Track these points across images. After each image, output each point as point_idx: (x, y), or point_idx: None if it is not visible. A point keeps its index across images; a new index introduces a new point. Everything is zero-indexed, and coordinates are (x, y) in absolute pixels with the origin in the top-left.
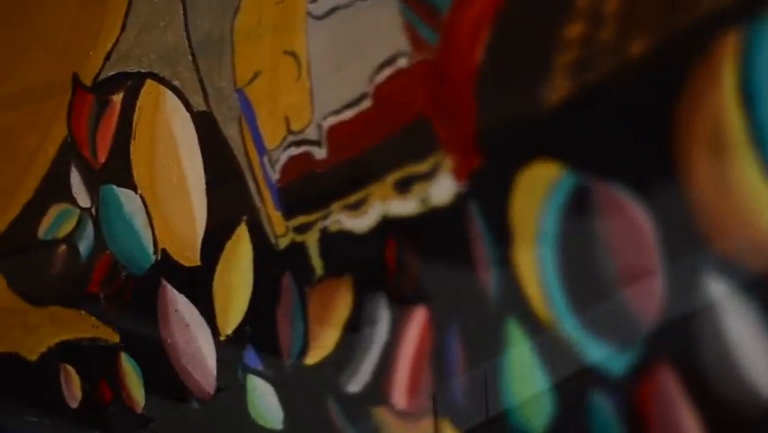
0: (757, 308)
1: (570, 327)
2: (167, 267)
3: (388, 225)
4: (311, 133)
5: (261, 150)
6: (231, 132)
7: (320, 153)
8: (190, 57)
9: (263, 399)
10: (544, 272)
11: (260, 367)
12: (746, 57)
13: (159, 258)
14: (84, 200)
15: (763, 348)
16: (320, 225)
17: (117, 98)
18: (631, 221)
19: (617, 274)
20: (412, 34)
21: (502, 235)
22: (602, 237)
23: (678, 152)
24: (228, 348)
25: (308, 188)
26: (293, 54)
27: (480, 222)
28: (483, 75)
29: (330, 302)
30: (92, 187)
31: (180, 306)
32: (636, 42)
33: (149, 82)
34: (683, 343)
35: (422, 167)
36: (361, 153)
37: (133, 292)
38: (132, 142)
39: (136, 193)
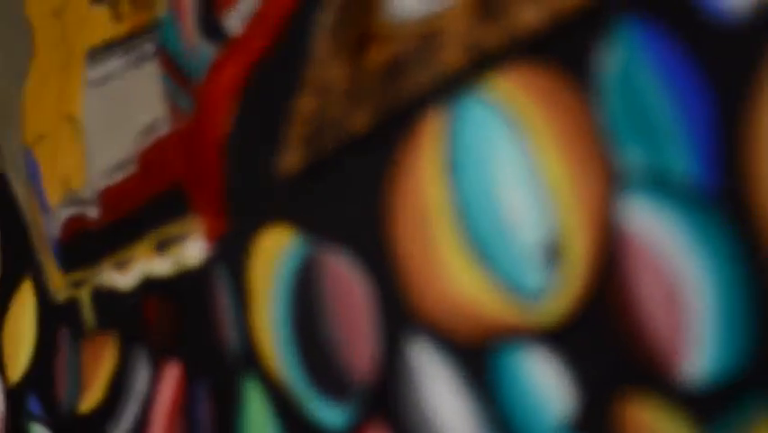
0: (456, 373)
1: (299, 386)
2: None
3: (149, 283)
4: (86, 194)
5: (45, 208)
6: (21, 190)
7: (93, 213)
8: None
9: None
10: (277, 334)
11: (41, 414)
12: (448, 134)
13: None
14: None
15: (460, 411)
16: (92, 280)
17: None
18: (351, 288)
19: (338, 337)
20: (171, 103)
21: (242, 297)
22: (327, 303)
23: (390, 223)
24: (15, 396)
25: (83, 246)
26: (72, 118)
27: (223, 283)
28: (230, 143)
29: (99, 354)
30: None
31: None
32: (358, 117)
33: None
34: (393, 403)
35: (178, 229)
36: (127, 214)
37: None
38: None
39: None
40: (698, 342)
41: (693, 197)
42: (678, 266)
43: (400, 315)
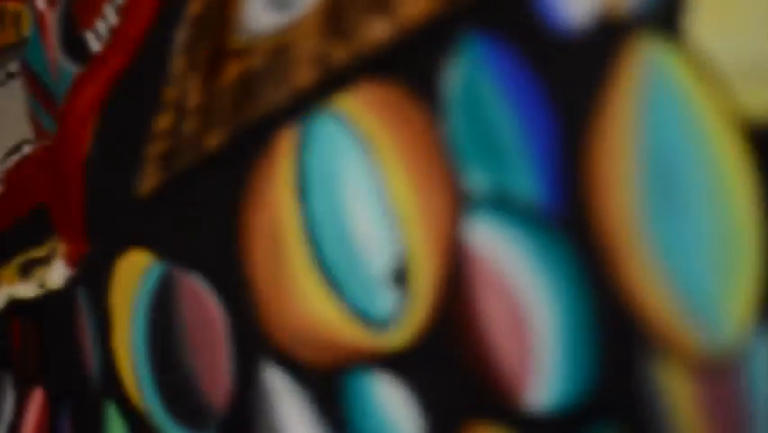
0: (308, 399)
1: (157, 414)
2: None
3: (14, 307)
4: None
5: None
6: None
7: None
8: None
9: None
10: (136, 359)
11: None
12: (299, 153)
13: None
14: None
15: None
16: None
17: None
18: (207, 313)
19: (194, 363)
20: (36, 122)
21: (103, 322)
22: (183, 327)
23: (244, 246)
24: None
25: None
26: None
27: (85, 307)
28: (90, 164)
29: None
30: None
31: None
32: (213, 135)
33: None
34: (249, 431)
35: (41, 251)
36: None
37: None
38: None
39: None
40: (542, 368)
41: (537, 217)
42: (522, 290)
43: (254, 340)
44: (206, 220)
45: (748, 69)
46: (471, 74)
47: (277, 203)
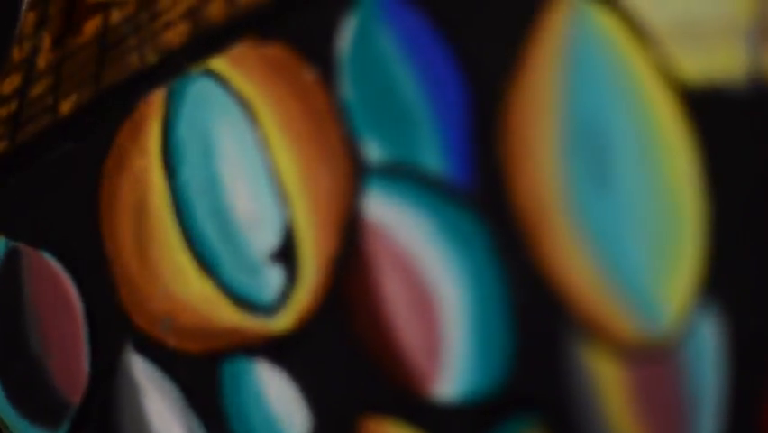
0: (176, 387)
1: (4, 410)
2: None
3: None
4: None
5: None
6: None
7: None
8: None
9: None
10: None
11: None
12: (168, 116)
13: None
14: None
15: (179, 426)
16: None
17: None
18: (60, 295)
19: (45, 351)
20: None
21: None
22: (31, 310)
23: (104, 218)
24: None
25: None
26: None
27: None
28: None
29: None
30: None
31: None
32: (66, 96)
33: None
34: (112, 425)
35: None
36: None
37: None
38: None
39: None
40: (451, 355)
41: (445, 192)
42: (428, 270)
43: (116, 323)
44: (59, 192)
45: (682, 32)
46: (367, 31)
47: (142, 173)
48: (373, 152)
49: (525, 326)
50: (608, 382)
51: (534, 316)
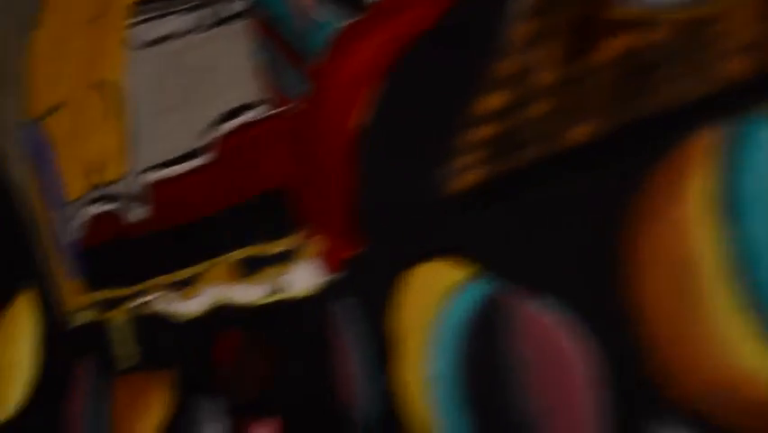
0: None
1: None
2: None
3: (225, 313)
4: (126, 187)
5: (56, 202)
6: (18, 174)
7: (137, 214)
8: None
9: None
10: (437, 396)
11: None
12: (725, 161)
13: None
14: None
15: None
16: (132, 302)
17: None
18: (557, 349)
19: (537, 409)
20: (270, 81)
21: (380, 344)
22: (518, 363)
23: (624, 271)
24: None
25: (119, 256)
26: (106, 85)
27: (350, 323)
28: (365, 144)
29: (143, 399)
30: None
31: None
32: (576, 126)
33: None
34: None
35: (275, 247)
36: (195, 221)
37: None
38: None
39: None
40: None
41: None
42: None
43: (641, 394)
44: (564, 232)
45: None
46: None
47: (686, 222)
48: None
49: None
50: None
51: None
